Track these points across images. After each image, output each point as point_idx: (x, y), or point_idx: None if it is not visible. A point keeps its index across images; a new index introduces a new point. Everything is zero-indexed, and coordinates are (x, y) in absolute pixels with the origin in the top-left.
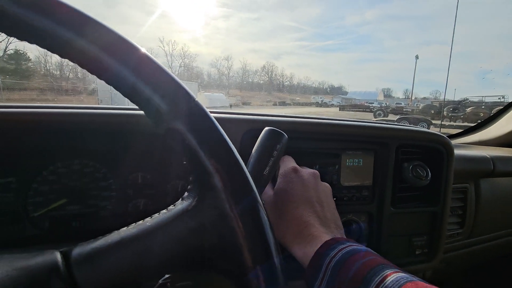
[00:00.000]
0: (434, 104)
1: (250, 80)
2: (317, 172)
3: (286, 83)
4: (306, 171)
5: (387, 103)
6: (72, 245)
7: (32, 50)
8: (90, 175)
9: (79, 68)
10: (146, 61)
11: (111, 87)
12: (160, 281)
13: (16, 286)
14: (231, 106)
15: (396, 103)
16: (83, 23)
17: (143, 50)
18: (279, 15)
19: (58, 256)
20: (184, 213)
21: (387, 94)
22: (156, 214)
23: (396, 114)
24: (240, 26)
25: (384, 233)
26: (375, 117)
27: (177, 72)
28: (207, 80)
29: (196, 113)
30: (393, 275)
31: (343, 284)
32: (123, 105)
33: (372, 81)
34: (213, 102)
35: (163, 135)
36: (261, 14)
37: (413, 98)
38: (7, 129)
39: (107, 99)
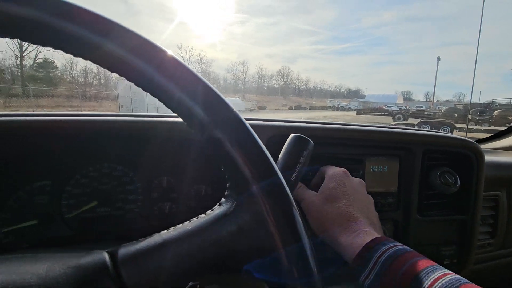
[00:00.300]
0: (458, 107)
1: (266, 84)
2: (363, 181)
3: (302, 87)
4: (355, 178)
5: (407, 107)
6: (103, 246)
7: (59, 59)
8: (118, 179)
9: (101, 75)
10: (190, 76)
11: (132, 94)
12: (190, 283)
13: (71, 283)
14: (251, 110)
15: (417, 106)
16: (139, 43)
17: (188, 66)
18: (295, 19)
19: (106, 256)
20: (223, 217)
21: (407, 97)
22: (195, 218)
23: (416, 117)
24: (256, 31)
25: (410, 241)
26: (394, 121)
27: None
28: (223, 85)
29: (235, 122)
30: (448, 276)
31: (395, 278)
32: (142, 109)
33: (391, 84)
34: None
35: (188, 142)
36: (277, 19)
37: (434, 101)
38: (43, 136)
39: (128, 105)
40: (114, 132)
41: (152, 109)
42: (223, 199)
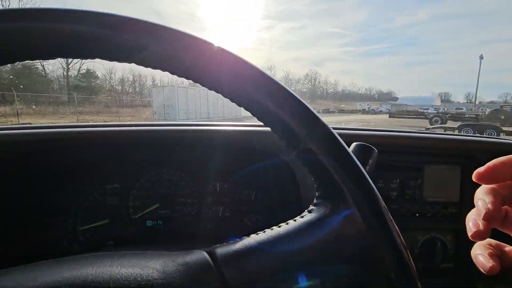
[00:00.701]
0: (505, 109)
1: (293, 88)
2: None
3: (330, 90)
4: None
5: (445, 109)
6: (166, 245)
7: (100, 69)
8: (176, 183)
9: (137, 83)
10: (285, 93)
11: (164, 101)
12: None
13: (184, 279)
14: None
15: (456, 108)
16: (238, 63)
17: (284, 85)
18: (322, 22)
19: (206, 255)
20: (316, 222)
21: (445, 99)
22: (283, 224)
23: (456, 120)
24: (283, 35)
25: None
26: (431, 124)
27: None
28: None
29: (327, 134)
30: None
31: None
32: (174, 115)
33: (426, 85)
34: None
35: (240, 149)
36: (304, 23)
37: (477, 102)
38: (112, 145)
39: (161, 111)
40: (172, 140)
41: (182, 114)
42: (312, 207)
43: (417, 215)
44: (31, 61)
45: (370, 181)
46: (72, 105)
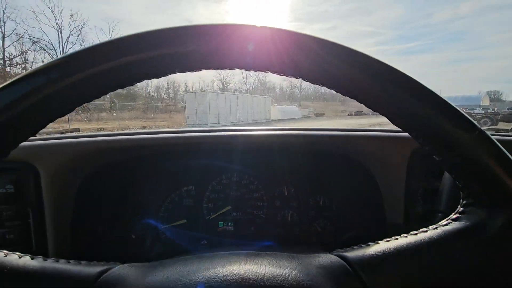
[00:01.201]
0: None
1: (323, 91)
2: None
3: None
4: None
5: (495, 109)
6: (235, 248)
7: None
8: (246, 186)
9: (170, 90)
10: (443, 101)
11: (196, 106)
12: None
13: (328, 282)
14: (307, 117)
15: (509, 108)
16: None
17: (440, 95)
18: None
19: (339, 259)
20: (471, 230)
21: (495, 98)
22: (423, 231)
23: (509, 121)
24: None
25: None
26: (479, 126)
27: (251, 87)
28: (279, 94)
29: (486, 139)
30: None
31: None
32: (205, 119)
33: (472, 83)
34: (286, 115)
35: (308, 155)
36: (334, 23)
37: None
38: (188, 151)
39: (193, 115)
40: (241, 146)
41: (213, 118)
42: (458, 215)
43: None
44: None
45: None
46: (113, 112)
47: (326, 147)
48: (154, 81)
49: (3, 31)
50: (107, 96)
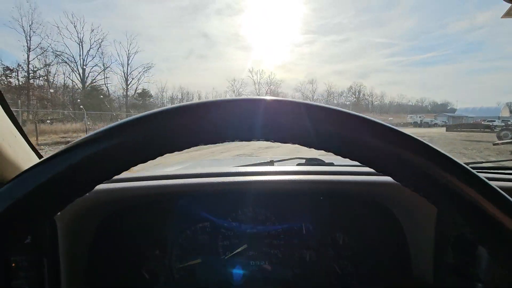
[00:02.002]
0: None
1: (336, 101)
2: None
3: (376, 102)
4: None
5: None
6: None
7: (153, 89)
8: (263, 223)
9: (184, 100)
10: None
11: None
12: None
13: None
14: None
15: None
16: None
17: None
18: (367, 33)
19: None
20: None
21: None
22: None
23: None
24: (324, 49)
25: None
26: (499, 139)
27: None
28: None
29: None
30: None
31: None
32: None
33: (491, 94)
34: None
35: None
36: (347, 35)
37: None
38: (202, 193)
39: None
40: (259, 192)
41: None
42: None
43: None
44: (97, 83)
45: None
46: None
47: (349, 192)
48: (169, 92)
49: (28, 45)
50: (124, 106)
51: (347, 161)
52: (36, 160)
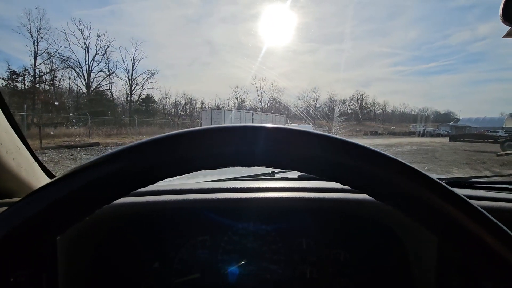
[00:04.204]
0: None
1: (338, 110)
2: None
3: (379, 111)
4: None
5: None
6: None
7: (157, 94)
8: (263, 238)
9: (187, 106)
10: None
11: (212, 123)
12: None
13: None
14: None
15: None
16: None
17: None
18: (370, 42)
19: None
20: None
21: None
22: None
23: None
24: (327, 58)
25: None
26: (503, 150)
27: (266, 105)
28: (293, 112)
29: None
30: None
31: None
32: None
33: (495, 105)
34: None
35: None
36: (350, 44)
37: None
38: (204, 209)
39: None
40: (261, 208)
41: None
42: None
43: None
44: (102, 89)
45: None
46: (132, 127)
47: (351, 209)
48: (172, 97)
49: (36, 50)
50: (127, 111)
51: None
52: (39, 172)
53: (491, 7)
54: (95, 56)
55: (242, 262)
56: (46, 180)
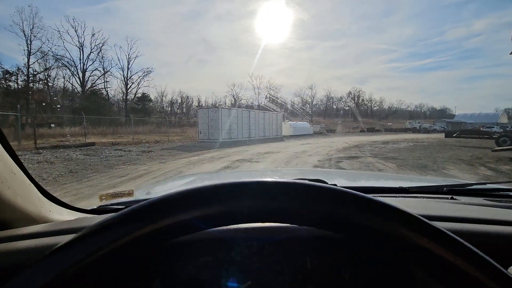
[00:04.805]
0: None
1: (335, 106)
2: None
3: (375, 108)
4: None
5: None
6: None
7: (153, 93)
8: (266, 258)
9: (184, 105)
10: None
11: (209, 122)
12: None
13: None
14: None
15: None
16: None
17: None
18: (366, 39)
19: None
20: None
21: None
22: None
23: None
24: (323, 55)
25: None
26: (498, 145)
27: (263, 103)
28: (290, 109)
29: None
30: None
31: None
32: (217, 134)
33: (490, 100)
34: (298, 131)
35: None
36: (346, 41)
37: None
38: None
39: (205, 131)
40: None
41: (225, 134)
42: None
43: None
44: (97, 87)
45: None
46: (128, 126)
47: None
48: (168, 96)
49: (29, 49)
50: (123, 110)
51: (349, 182)
52: (36, 196)
53: (486, 3)
54: (89, 54)
55: (247, 284)
56: (42, 203)
